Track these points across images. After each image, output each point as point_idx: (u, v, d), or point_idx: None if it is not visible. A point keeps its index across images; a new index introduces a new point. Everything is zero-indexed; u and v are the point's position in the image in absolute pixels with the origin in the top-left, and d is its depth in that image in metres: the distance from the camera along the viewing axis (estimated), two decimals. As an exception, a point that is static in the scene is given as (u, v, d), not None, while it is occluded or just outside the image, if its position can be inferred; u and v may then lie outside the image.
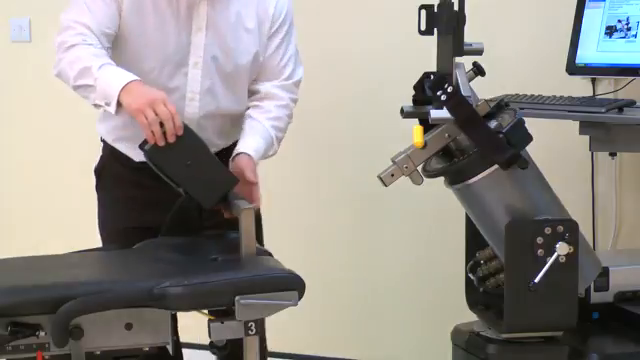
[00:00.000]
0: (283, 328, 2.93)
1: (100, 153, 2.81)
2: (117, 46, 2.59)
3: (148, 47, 2.60)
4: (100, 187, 2.80)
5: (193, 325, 2.45)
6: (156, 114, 2.33)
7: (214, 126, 2.68)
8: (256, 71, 2.70)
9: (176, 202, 2.48)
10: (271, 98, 2.70)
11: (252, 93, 2.73)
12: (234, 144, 2.68)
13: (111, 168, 2.76)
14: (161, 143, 2.34)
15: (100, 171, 2.79)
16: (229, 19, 2.63)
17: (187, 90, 2.63)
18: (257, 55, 2.68)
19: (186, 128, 2.40)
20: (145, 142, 2.40)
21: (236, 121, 2.71)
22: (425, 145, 2.58)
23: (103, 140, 2.78)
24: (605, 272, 2.94)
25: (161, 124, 2.34)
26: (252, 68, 2.69)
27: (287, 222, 3.75)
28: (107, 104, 2.40)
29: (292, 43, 2.74)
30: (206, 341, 2.24)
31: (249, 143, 2.61)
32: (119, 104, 2.38)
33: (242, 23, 2.65)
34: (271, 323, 2.36)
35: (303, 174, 3.90)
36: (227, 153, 2.65)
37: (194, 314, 2.21)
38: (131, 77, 2.40)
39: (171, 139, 2.34)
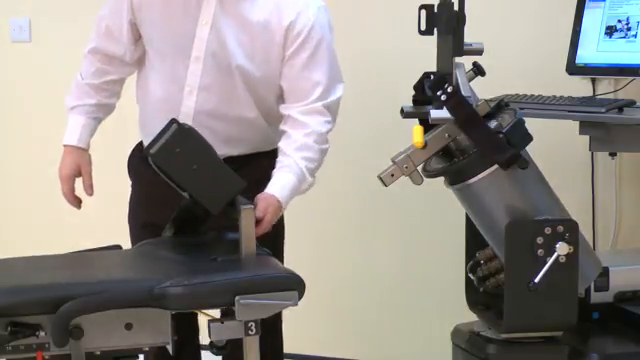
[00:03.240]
0: (283, 328, 2.93)
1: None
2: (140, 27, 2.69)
3: (154, 33, 2.64)
4: (131, 180, 2.85)
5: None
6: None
7: (216, 128, 2.63)
8: (262, 82, 2.63)
9: (180, 203, 2.47)
10: (298, 126, 2.60)
11: (282, 116, 2.66)
12: (251, 155, 2.66)
13: (134, 161, 2.81)
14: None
15: (128, 164, 2.83)
16: (236, 18, 2.59)
17: (186, 83, 2.63)
18: (263, 61, 2.60)
19: (192, 131, 2.38)
20: (151, 145, 2.39)
21: (247, 129, 2.66)
22: (425, 145, 2.58)
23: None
24: (605, 272, 2.94)
25: None
26: (256, 75, 2.62)
27: (287, 222, 3.75)
28: None
29: (324, 62, 2.62)
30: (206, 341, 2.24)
31: (276, 181, 2.54)
32: None
33: (249, 25, 2.59)
34: (271, 323, 2.37)
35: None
36: (241, 162, 2.63)
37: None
38: (68, 140, 2.74)
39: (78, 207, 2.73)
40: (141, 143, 2.79)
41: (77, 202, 2.74)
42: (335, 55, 2.68)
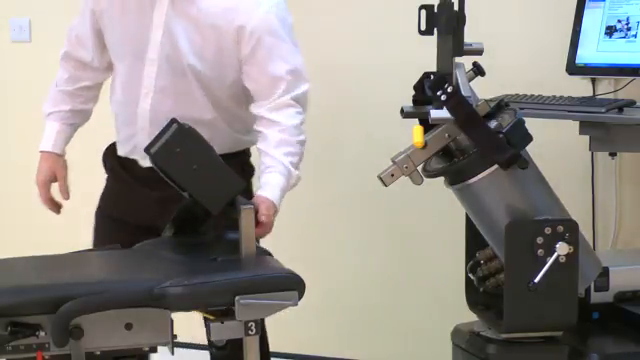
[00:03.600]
0: (283, 328, 2.93)
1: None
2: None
3: (114, 38, 2.70)
4: (106, 173, 2.90)
5: (191, 325, 2.45)
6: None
7: None
8: (216, 82, 2.64)
9: (180, 203, 2.47)
10: (271, 125, 2.62)
11: (243, 118, 2.71)
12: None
13: (108, 158, 2.86)
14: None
15: (103, 159, 2.88)
16: (188, 18, 2.61)
17: (142, 85, 2.66)
18: (216, 61, 2.62)
19: (192, 131, 2.38)
20: (151, 145, 2.39)
21: (206, 131, 2.61)
22: (425, 145, 2.58)
23: None
24: (605, 272, 2.94)
25: None
26: (209, 75, 2.63)
27: (287, 222, 3.75)
28: None
29: (284, 57, 2.63)
30: (203, 341, 2.24)
31: (265, 183, 2.56)
32: None
33: (201, 26, 2.60)
34: (271, 323, 2.37)
35: (304, 174, 3.89)
36: None
37: (192, 313, 2.21)
38: (43, 146, 2.82)
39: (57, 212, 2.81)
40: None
41: (55, 207, 2.82)
42: (296, 49, 2.67)
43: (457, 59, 2.63)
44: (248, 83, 2.65)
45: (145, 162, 2.69)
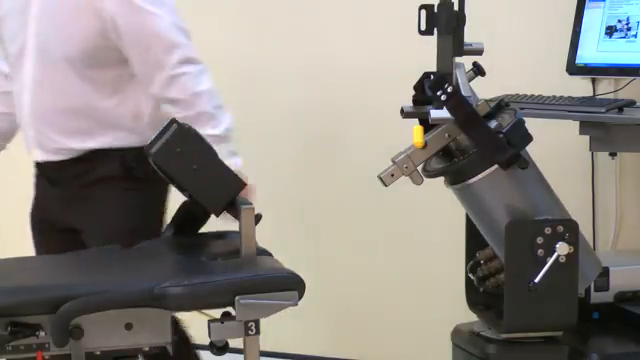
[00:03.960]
0: (283, 328, 2.93)
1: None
2: None
3: (5, 41, 2.75)
4: None
5: (191, 325, 2.45)
6: None
7: (62, 123, 2.66)
8: (94, 68, 2.64)
9: (180, 205, 2.48)
10: (177, 105, 2.63)
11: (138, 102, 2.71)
12: (110, 149, 2.68)
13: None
14: None
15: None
16: (58, 10, 2.62)
17: (22, 81, 2.69)
18: (86, 46, 2.62)
19: (192, 131, 2.38)
20: (151, 145, 2.39)
21: (93, 120, 2.67)
22: (425, 145, 2.58)
23: None
24: (605, 272, 2.94)
25: None
26: (83, 61, 2.63)
27: (287, 222, 3.75)
28: None
29: (148, 28, 2.61)
30: (203, 341, 2.24)
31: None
32: None
33: (68, 13, 2.61)
34: (271, 323, 2.36)
35: (304, 174, 3.90)
36: (102, 154, 2.66)
37: (193, 314, 2.21)
38: None
39: None
40: None
41: None
42: (161, 12, 2.62)
43: (457, 59, 2.63)
44: (131, 64, 2.65)
45: (34, 156, 2.76)
